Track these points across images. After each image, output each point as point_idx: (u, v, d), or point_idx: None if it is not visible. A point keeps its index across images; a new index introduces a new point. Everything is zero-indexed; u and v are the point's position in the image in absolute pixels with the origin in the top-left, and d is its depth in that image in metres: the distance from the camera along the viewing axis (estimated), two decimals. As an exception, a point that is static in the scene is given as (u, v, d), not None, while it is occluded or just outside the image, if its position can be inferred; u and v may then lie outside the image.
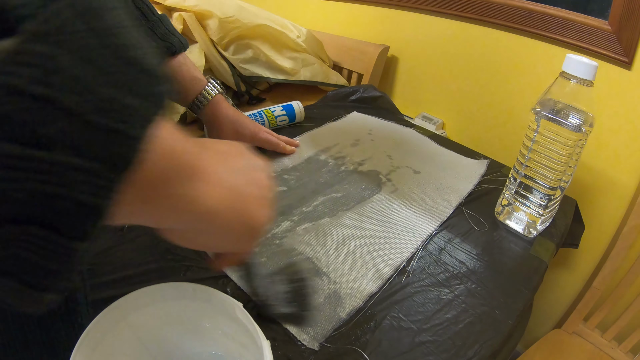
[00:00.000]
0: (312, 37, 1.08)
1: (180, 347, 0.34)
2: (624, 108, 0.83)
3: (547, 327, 1.05)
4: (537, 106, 0.55)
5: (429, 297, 0.50)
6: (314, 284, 0.49)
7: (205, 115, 0.69)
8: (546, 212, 0.59)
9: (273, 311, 0.41)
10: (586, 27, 0.83)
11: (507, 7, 0.94)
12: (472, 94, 1.09)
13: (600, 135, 0.87)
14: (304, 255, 0.54)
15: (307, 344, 0.43)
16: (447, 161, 0.77)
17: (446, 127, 1.18)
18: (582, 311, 0.91)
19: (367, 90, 1.00)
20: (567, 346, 0.90)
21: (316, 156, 0.76)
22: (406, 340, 0.45)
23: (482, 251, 0.57)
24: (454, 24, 1.06)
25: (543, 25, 0.89)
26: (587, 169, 0.91)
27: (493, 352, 0.44)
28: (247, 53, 0.98)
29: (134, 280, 0.49)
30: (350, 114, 0.92)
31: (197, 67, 0.70)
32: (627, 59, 0.79)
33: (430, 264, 0.55)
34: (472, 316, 0.48)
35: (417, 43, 1.17)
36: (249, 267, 0.38)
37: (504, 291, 0.52)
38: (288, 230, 0.58)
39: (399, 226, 0.60)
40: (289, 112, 0.84)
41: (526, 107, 0.97)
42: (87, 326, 0.27)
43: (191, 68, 0.67)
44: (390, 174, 0.72)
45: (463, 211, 0.64)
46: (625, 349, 0.86)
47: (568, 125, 0.52)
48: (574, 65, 0.51)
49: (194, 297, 0.30)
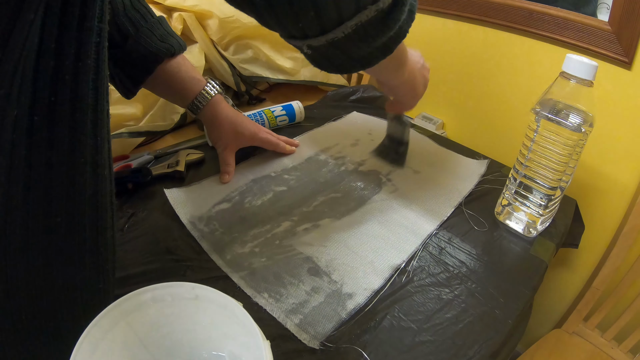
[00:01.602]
0: (312, 37, 1.08)
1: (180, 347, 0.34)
2: (624, 108, 0.83)
3: (547, 327, 1.05)
4: (537, 106, 0.55)
5: (429, 297, 0.50)
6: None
7: (205, 116, 0.68)
8: (546, 212, 0.59)
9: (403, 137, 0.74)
10: (586, 27, 0.83)
11: (507, 7, 0.94)
12: (472, 94, 1.09)
13: (600, 135, 0.86)
14: (303, 255, 0.54)
15: (307, 343, 0.43)
16: (447, 161, 0.77)
17: (446, 127, 1.18)
18: (582, 311, 0.91)
19: (367, 90, 1.00)
20: (567, 346, 0.90)
21: (316, 156, 0.76)
22: (406, 340, 0.45)
23: (482, 251, 0.57)
24: (454, 23, 1.06)
25: (543, 25, 0.89)
26: (587, 169, 0.91)
27: (493, 352, 0.44)
28: (247, 53, 0.98)
29: (134, 280, 0.49)
30: (350, 114, 0.92)
31: (195, 67, 0.69)
32: (627, 59, 0.79)
33: (430, 264, 0.55)
34: (472, 316, 0.48)
35: (417, 43, 1.17)
36: (401, 117, 0.71)
37: (504, 291, 0.52)
38: (288, 230, 0.58)
39: (399, 226, 0.60)
40: (289, 112, 0.84)
41: (526, 107, 0.97)
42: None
43: (190, 69, 0.67)
44: (390, 174, 0.72)
45: (463, 211, 0.64)
46: (625, 349, 0.86)
47: (568, 125, 0.52)
48: (574, 65, 0.51)
49: (194, 297, 0.30)
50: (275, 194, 0.65)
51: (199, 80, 0.67)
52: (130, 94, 0.64)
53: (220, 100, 0.68)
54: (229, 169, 0.67)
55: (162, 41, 0.61)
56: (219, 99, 0.68)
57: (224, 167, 0.68)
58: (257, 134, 0.71)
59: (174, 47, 0.62)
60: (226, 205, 0.62)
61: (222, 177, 0.67)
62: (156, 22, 0.62)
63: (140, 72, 0.62)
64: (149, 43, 0.60)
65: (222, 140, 0.69)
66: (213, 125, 0.69)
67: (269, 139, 0.73)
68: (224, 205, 0.62)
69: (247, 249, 0.55)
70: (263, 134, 0.72)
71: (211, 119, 0.68)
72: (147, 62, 0.61)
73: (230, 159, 0.69)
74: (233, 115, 0.69)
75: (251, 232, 0.57)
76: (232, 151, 0.69)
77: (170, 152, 0.74)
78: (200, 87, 0.66)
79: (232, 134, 0.69)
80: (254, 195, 0.64)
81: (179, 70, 0.65)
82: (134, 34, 0.59)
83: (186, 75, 0.65)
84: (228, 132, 0.69)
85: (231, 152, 0.69)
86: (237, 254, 0.54)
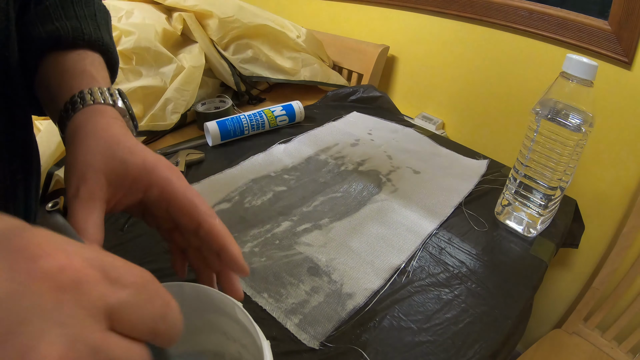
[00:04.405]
0: (312, 37, 1.08)
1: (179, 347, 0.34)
2: (624, 108, 0.83)
3: (547, 327, 1.05)
4: (537, 106, 0.55)
5: (429, 297, 0.50)
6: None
7: (68, 132, 0.32)
8: (546, 212, 0.59)
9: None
10: (586, 27, 0.83)
11: (507, 7, 0.94)
12: (472, 94, 1.09)
13: (601, 135, 0.87)
14: (303, 255, 0.54)
15: (307, 343, 0.43)
16: (447, 161, 0.77)
17: (446, 127, 1.19)
18: (582, 311, 0.91)
19: (367, 90, 1.00)
20: (567, 346, 0.90)
21: (316, 156, 0.76)
22: (406, 340, 0.45)
23: (482, 251, 0.57)
24: (454, 24, 1.06)
25: (543, 25, 0.89)
26: (587, 169, 0.91)
27: (493, 352, 0.44)
28: (247, 53, 0.98)
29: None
30: (350, 114, 0.92)
31: (104, 67, 0.37)
32: (627, 59, 0.79)
33: (430, 264, 0.55)
34: (472, 316, 0.48)
35: (417, 43, 1.17)
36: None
37: (504, 291, 0.52)
38: (288, 230, 0.58)
39: (399, 226, 0.60)
40: (289, 112, 0.84)
41: (526, 107, 0.97)
42: None
43: (87, 62, 0.35)
44: (390, 174, 0.72)
45: (463, 211, 0.64)
46: (625, 349, 0.86)
47: (568, 126, 0.52)
48: (574, 65, 0.51)
49: (194, 297, 0.30)
50: (275, 194, 0.65)
51: (92, 77, 0.34)
52: (36, 110, 0.39)
53: (105, 113, 0.32)
54: (81, 235, 0.27)
55: (53, 23, 0.35)
56: (104, 110, 0.32)
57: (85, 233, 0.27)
58: (156, 166, 0.31)
59: (60, 31, 0.35)
60: (226, 205, 0.62)
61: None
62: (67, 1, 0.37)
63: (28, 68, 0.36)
64: (35, 25, 0.35)
65: (77, 171, 0.29)
66: (72, 143, 0.30)
67: (185, 191, 0.31)
68: (224, 205, 0.62)
69: (247, 249, 0.55)
70: (168, 172, 0.31)
71: (72, 136, 0.31)
72: (29, 52, 0.35)
73: (83, 213, 0.27)
74: (115, 133, 0.31)
75: (251, 232, 0.57)
76: (90, 197, 0.28)
77: (170, 152, 0.74)
78: (86, 85, 0.33)
79: (99, 158, 0.29)
80: (254, 195, 0.64)
81: (64, 62, 0.35)
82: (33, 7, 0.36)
83: (72, 67, 0.34)
84: (93, 154, 0.29)
85: (89, 198, 0.28)
86: (237, 254, 0.54)
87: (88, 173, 0.28)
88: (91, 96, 0.32)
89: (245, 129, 0.79)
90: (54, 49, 0.35)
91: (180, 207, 0.30)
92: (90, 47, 0.36)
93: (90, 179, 0.28)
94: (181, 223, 0.31)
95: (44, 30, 0.34)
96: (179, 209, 0.30)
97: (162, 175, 0.30)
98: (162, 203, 0.30)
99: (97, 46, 0.36)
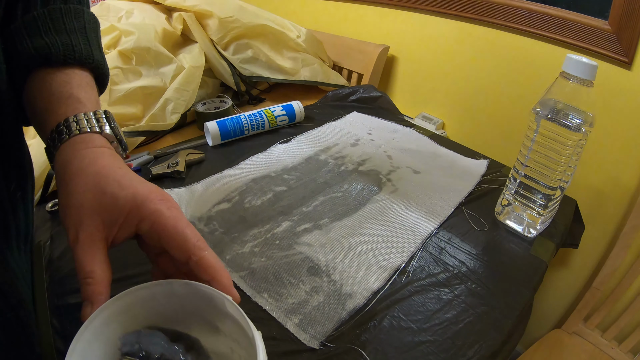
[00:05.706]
0: (312, 37, 1.08)
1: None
2: (624, 108, 0.83)
3: (547, 327, 1.05)
4: (537, 106, 0.55)
5: (429, 297, 0.50)
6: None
7: (56, 165, 0.33)
8: (546, 212, 0.59)
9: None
10: (586, 27, 0.83)
11: (507, 7, 0.94)
12: (472, 94, 1.09)
13: (601, 135, 0.87)
14: (303, 255, 0.54)
15: (307, 343, 0.43)
16: (447, 161, 0.77)
17: (446, 127, 1.19)
18: (582, 311, 0.91)
19: (367, 90, 1.00)
20: (567, 346, 0.90)
21: (316, 156, 0.76)
22: (406, 340, 0.45)
23: (482, 251, 0.57)
24: (454, 24, 1.06)
25: (543, 25, 0.89)
26: (587, 169, 0.91)
27: (493, 352, 0.44)
28: (247, 53, 0.98)
29: (134, 280, 0.49)
30: (350, 114, 0.92)
31: (94, 88, 0.37)
32: (627, 59, 0.79)
33: (430, 264, 0.55)
34: (472, 316, 0.48)
35: (417, 43, 1.17)
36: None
37: (504, 291, 0.52)
38: (288, 230, 0.58)
39: (399, 226, 0.60)
40: (289, 112, 0.84)
41: (526, 107, 0.97)
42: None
43: (74, 84, 0.34)
44: (390, 174, 0.72)
45: (463, 211, 0.64)
46: (625, 349, 0.86)
47: (568, 126, 0.52)
48: (574, 65, 0.51)
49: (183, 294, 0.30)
50: (275, 193, 0.65)
51: (78, 101, 0.33)
52: (25, 121, 0.37)
53: (91, 142, 0.32)
54: (90, 277, 0.29)
55: (42, 37, 0.34)
56: (89, 140, 0.32)
57: (82, 274, 0.29)
58: (147, 199, 0.31)
59: (50, 48, 0.34)
60: (226, 205, 0.62)
61: (83, 307, 0.29)
62: (57, 10, 0.35)
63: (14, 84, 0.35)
64: (22, 38, 0.34)
65: (73, 215, 0.30)
66: (62, 183, 0.31)
67: (175, 224, 0.30)
68: (224, 205, 0.62)
69: (247, 248, 0.55)
70: (159, 204, 0.31)
71: (60, 173, 0.32)
72: (17, 67, 0.34)
73: (88, 256, 0.29)
74: (104, 165, 0.31)
75: (251, 232, 0.57)
76: (91, 240, 0.30)
77: (170, 152, 0.74)
78: (71, 112, 0.33)
79: (90, 197, 0.30)
80: (254, 195, 0.64)
81: (51, 83, 0.34)
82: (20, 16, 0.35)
83: (58, 91, 0.33)
84: (84, 194, 0.30)
85: (90, 241, 0.30)
86: (237, 253, 0.54)
87: (83, 217, 0.29)
88: (77, 124, 0.32)
89: (245, 129, 0.79)
90: (43, 66, 0.34)
91: (170, 240, 0.30)
92: (80, 64, 0.35)
93: (86, 223, 0.29)
94: (172, 254, 0.31)
95: (32, 46, 0.33)
96: (169, 242, 0.30)
97: (153, 208, 0.30)
98: (153, 235, 0.31)
99: (87, 64, 0.36)
